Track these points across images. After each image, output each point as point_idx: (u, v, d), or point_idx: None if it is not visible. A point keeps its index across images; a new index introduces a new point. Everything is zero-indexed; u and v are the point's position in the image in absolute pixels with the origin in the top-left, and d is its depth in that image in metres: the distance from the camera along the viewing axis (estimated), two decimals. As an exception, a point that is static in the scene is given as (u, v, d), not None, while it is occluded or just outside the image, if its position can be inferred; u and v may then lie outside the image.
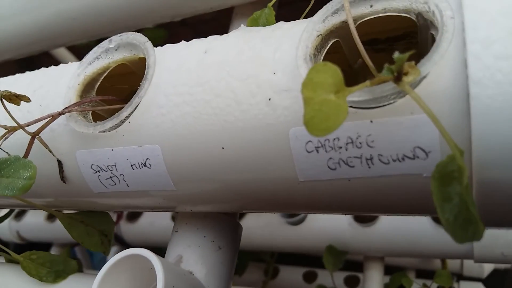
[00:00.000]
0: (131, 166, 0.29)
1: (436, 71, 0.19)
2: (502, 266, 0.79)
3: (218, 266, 0.34)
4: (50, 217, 0.97)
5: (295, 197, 0.24)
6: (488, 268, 0.77)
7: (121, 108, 0.29)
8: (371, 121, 0.19)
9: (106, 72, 0.33)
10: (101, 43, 0.32)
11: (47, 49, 0.82)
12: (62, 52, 0.92)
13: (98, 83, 0.33)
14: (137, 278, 0.32)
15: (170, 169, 0.27)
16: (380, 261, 0.72)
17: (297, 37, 0.25)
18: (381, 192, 0.20)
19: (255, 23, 0.37)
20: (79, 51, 0.72)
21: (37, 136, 0.30)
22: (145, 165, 0.28)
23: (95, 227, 0.38)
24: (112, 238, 0.38)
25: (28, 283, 0.39)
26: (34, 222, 0.98)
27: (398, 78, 0.17)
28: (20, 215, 1.01)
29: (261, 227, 0.74)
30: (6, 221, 1.03)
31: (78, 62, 0.33)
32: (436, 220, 0.65)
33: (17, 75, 0.40)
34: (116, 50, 0.32)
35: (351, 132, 0.20)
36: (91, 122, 0.30)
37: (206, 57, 0.27)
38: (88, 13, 0.50)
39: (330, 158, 0.21)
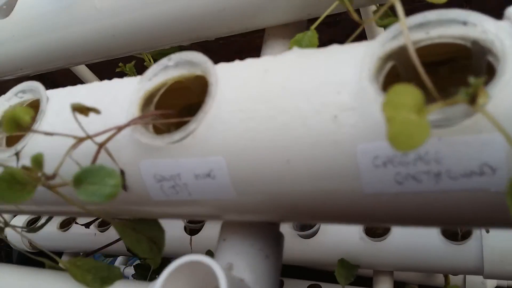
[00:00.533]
0: (195, 176, 0.31)
1: (500, 95, 0.21)
2: (504, 282, 0.81)
3: (266, 275, 0.35)
4: (63, 226, 0.99)
5: (358, 209, 0.26)
6: (490, 284, 0.78)
7: (179, 121, 0.31)
8: (439, 139, 0.22)
9: (164, 88, 0.35)
10: (160, 61, 0.34)
11: (74, 65, 0.85)
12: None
13: (156, 98, 0.35)
14: (192, 284, 0.34)
15: (233, 180, 0.30)
16: (389, 275, 0.74)
17: (356, 59, 0.27)
18: (446, 205, 0.22)
19: (298, 44, 0.39)
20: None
21: (103, 146, 0.32)
22: (209, 176, 0.30)
23: (145, 234, 0.40)
24: (163, 245, 0.40)
25: (77, 289, 0.41)
26: (47, 231, 0.99)
27: (472, 100, 0.19)
28: (32, 223, 1.03)
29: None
30: (18, 230, 1.06)
31: (138, 77, 0.35)
32: (446, 235, 0.67)
33: (69, 87, 0.42)
34: (174, 67, 0.34)
35: (420, 149, 0.22)
36: (154, 134, 0.32)
37: (267, 76, 0.30)
38: (127, 31, 0.52)
39: (398, 173, 0.23)
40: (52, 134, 0.30)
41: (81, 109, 0.30)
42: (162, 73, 0.35)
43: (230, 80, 0.30)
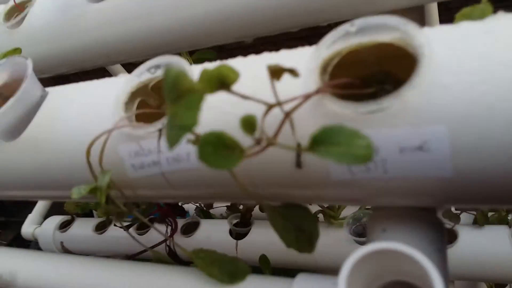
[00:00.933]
0: (400, 149, 0.27)
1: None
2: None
3: (442, 270, 0.31)
4: (99, 228, 0.95)
5: None
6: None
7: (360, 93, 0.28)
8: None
9: (337, 59, 0.32)
10: (341, 26, 0.31)
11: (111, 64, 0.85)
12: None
13: (330, 68, 0.32)
14: (373, 273, 0.30)
15: (455, 154, 0.26)
16: (451, 285, 0.72)
17: None
18: None
19: (467, 18, 0.36)
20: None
21: (289, 116, 0.28)
22: (421, 149, 0.27)
23: (293, 222, 0.36)
24: (315, 236, 0.36)
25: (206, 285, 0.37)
26: (81, 233, 0.96)
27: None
28: (65, 226, 1.00)
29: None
30: (50, 231, 1.02)
31: (314, 46, 0.32)
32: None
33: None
34: (355, 34, 0.31)
35: None
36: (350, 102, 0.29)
37: (488, 38, 0.26)
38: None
39: None
40: (247, 97, 0.27)
41: (277, 71, 0.26)
42: (340, 41, 0.31)
43: (444, 42, 0.27)
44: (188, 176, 0.36)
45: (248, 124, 0.25)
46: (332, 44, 0.31)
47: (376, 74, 0.34)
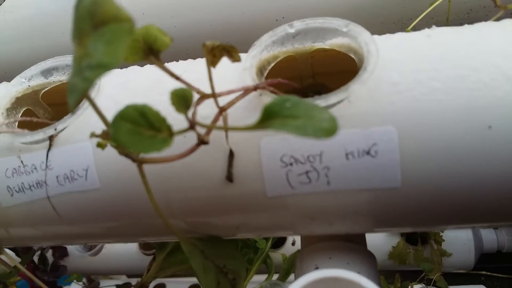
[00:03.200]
0: (346, 155, 0.25)
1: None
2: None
3: None
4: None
5: None
6: None
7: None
8: None
9: (274, 62, 0.30)
10: (279, 27, 0.30)
11: None
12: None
13: (266, 72, 0.30)
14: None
15: (404, 157, 0.24)
16: None
17: None
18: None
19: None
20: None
21: (224, 112, 0.25)
22: (368, 153, 0.24)
23: (213, 262, 0.31)
24: (239, 282, 0.30)
25: None
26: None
27: None
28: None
29: None
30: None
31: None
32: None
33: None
34: (293, 38, 0.30)
35: None
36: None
37: (432, 40, 0.26)
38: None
39: None
40: (178, 78, 0.23)
41: (215, 48, 0.23)
42: (278, 43, 0.30)
43: (388, 44, 0.27)
44: (84, 202, 0.30)
45: (182, 98, 0.21)
46: (271, 46, 0.30)
47: (313, 85, 0.33)
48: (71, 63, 0.33)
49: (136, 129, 0.19)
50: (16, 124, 0.32)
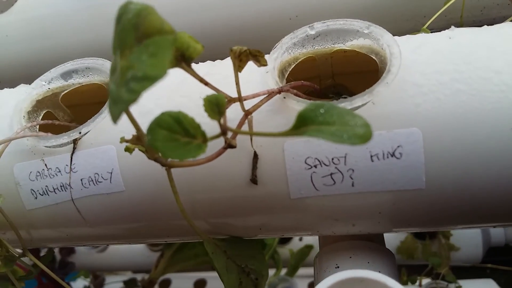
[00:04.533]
0: (371, 157, 0.25)
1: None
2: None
3: None
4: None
5: None
6: None
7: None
8: None
9: (295, 64, 0.31)
10: (300, 29, 0.30)
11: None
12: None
13: (287, 73, 0.30)
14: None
15: (428, 158, 0.25)
16: None
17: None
18: None
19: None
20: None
21: (249, 116, 0.25)
22: (393, 155, 0.25)
23: (236, 262, 0.31)
24: (264, 278, 0.31)
25: None
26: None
27: None
28: None
29: None
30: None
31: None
32: None
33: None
34: (313, 39, 0.30)
35: None
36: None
37: (453, 41, 0.27)
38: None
39: None
40: (207, 83, 0.23)
41: (242, 54, 0.24)
42: (299, 45, 0.30)
43: (410, 46, 0.27)
44: (109, 204, 0.30)
45: (215, 105, 0.21)
46: (292, 47, 0.30)
47: (333, 85, 0.33)
48: (91, 66, 0.33)
49: (172, 136, 0.20)
50: (38, 127, 0.33)
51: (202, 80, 0.23)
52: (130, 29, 0.16)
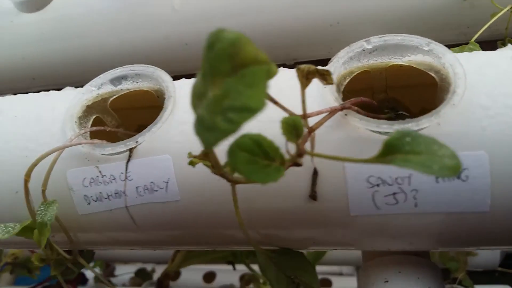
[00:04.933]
0: (436, 179, 0.25)
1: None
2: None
3: None
4: None
5: None
6: None
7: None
8: None
9: (352, 76, 0.31)
10: (356, 43, 0.30)
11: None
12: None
13: (343, 86, 0.30)
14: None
15: (494, 181, 0.25)
16: None
17: None
18: None
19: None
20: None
21: (312, 133, 0.25)
22: (459, 177, 0.25)
23: (286, 273, 0.32)
24: (315, 290, 0.31)
25: None
26: None
27: None
28: None
29: None
30: None
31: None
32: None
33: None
34: (369, 53, 0.30)
35: None
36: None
37: (517, 62, 0.27)
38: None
39: None
40: (276, 102, 0.23)
41: (309, 73, 0.24)
42: (355, 59, 0.30)
43: (467, 64, 0.27)
44: (163, 213, 0.30)
45: (293, 127, 0.21)
46: (348, 61, 0.30)
47: (386, 99, 0.33)
48: (141, 73, 0.33)
49: (252, 159, 0.20)
50: (89, 133, 0.33)
51: (271, 100, 0.23)
52: (225, 57, 0.16)
